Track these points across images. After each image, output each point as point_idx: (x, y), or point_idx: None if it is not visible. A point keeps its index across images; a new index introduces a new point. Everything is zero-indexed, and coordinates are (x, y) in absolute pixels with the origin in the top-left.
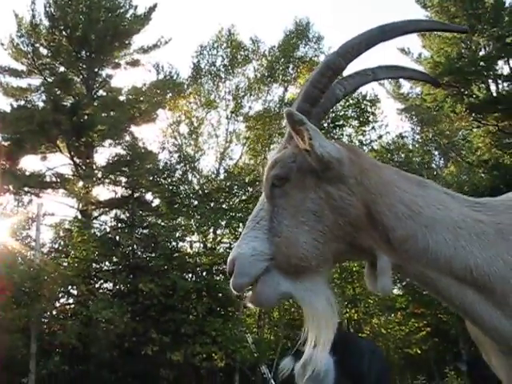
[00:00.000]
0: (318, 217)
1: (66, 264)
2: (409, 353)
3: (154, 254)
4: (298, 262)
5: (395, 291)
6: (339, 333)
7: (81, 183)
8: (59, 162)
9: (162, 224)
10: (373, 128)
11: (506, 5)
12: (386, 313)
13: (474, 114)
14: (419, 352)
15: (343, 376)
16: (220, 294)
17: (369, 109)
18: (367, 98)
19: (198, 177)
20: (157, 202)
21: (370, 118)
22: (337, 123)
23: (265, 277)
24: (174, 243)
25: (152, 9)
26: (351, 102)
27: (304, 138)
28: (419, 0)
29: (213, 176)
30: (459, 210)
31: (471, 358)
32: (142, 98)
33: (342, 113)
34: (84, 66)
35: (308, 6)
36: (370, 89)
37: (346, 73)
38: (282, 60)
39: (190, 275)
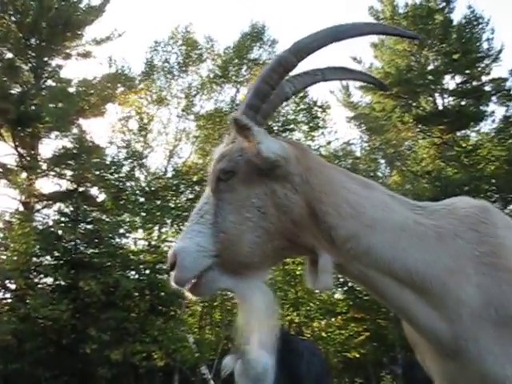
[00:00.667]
0: (263, 213)
1: (4, 257)
2: (347, 356)
3: (97, 250)
4: (243, 259)
5: (336, 296)
6: (280, 334)
7: (24, 174)
8: (3, 151)
9: (107, 220)
10: (322, 134)
11: (454, 23)
12: (326, 317)
13: (420, 126)
14: (357, 356)
15: (283, 376)
16: (162, 293)
17: (319, 115)
18: (318, 104)
19: (145, 174)
20: (102, 197)
21: (320, 124)
22: (287, 127)
23: (208, 273)
24: (117, 240)
25: (106, 0)
26: (302, 106)
27: (251, 142)
28: (372, 12)
29: (160, 174)
30: (402, 213)
31: (406, 362)
32: (91, 91)
33: (293, 117)
34: (33, 54)
35: (265, 10)
36: (321, 95)
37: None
38: (236, 61)
39: (133, 273)
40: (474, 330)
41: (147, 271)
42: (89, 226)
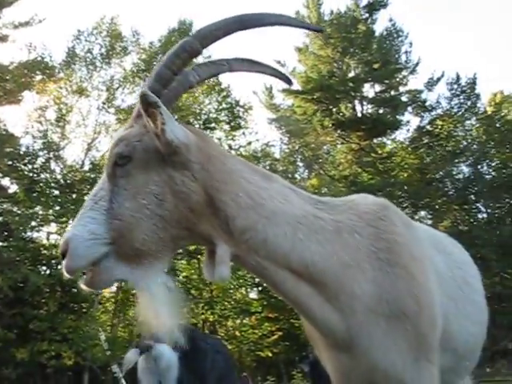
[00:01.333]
0: (160, 200)
1: None
2: (260, 355)
3: (5, 244)
4: (139, 247)
5: (251, 295)
6: (185, 331)
7: None
8: None
9: (18, 212)
10: (243, 134)
11: (376, 34)
12: (241, 316)
13: (339, 131)
14: (270, 355)
15: (187, 372)
16: (74, 290)
17: (241, 115)
18: (240, 104)
19: (61, 166)
20: (14, 188)
21: (242, 124)
22: (208, 125)
23: (102, 261)
24: (29, 233)
25: None
26: (224, 106)
27: (156, 122)
28: (299, 17)
29: (77, 166)
30: (301, 206)
31: (314, 359)
32: (8, 77)
33: (215, 116)
34: None
35: (195, 8)
36: (244, 96)
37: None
38: (161, 56)
39: (44, 268)
40: (367, 323)
41: (59, 266)
42: None
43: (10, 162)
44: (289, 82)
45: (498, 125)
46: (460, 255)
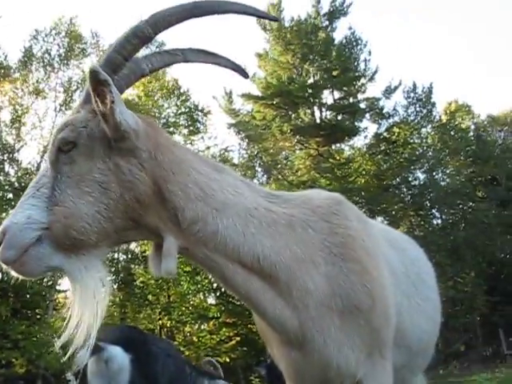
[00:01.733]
0: (104, 189)
1: None
2: (218, 361)
3: None
4: (77, 234)
5: (209, 301)
6: (138, 333)
7: None
8: None
9: None
10: (202, 138)
11: (336, 41)
12: (198, 321)
13: (298, 137)
14: (228, 360)
15: (139, 375)
16: (28, 295)
17: (200, 119)
18: (199, 108)
19: (16, 168)
20: None
21: (201, 129)
22: (167, 129)
23: (35, 247)
24: None
25: None
26: (184, 110)
27: (105, 101)
28: (260, 22)
29: (33, 169)
30: (253, 199)
31: (271, 362)
32: None
33: (174, 120)
34: None
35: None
36: (203, 100)
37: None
38: None
39: None
40: (320, 319)
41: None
42: None
43: None
44: (245, 74)
45: (452, 133)
46: (414, 252)
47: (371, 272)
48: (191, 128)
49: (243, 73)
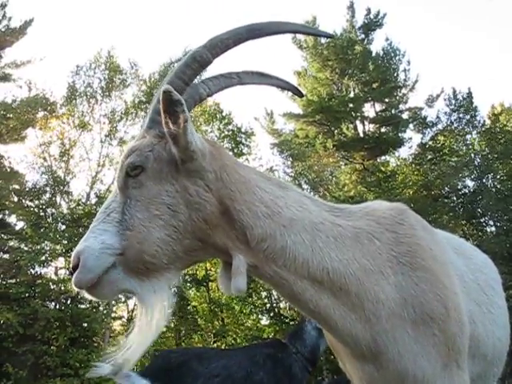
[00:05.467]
0: (173, 211)
1: None
2: None
3: (14, 281)
4: (150, 258)
5: (263, 322)
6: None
7: None
8: None
9: (26, 249)
10: (247, 160)
11: (373, 54)
12: (253, 342)
13: (342, 152)
14: None
15: None
16: (85, 324)
17: (244, 141)
18: (242, 130)
19: (67, 200)
20: (21, 224)
21: (245, 151)
22: None
23: (110, 272)
24: (37, 269)
25: (28, 23)
26: (227, 133)
27: (178, 121)
28: (296, 41)
29: (83, 200)
30: (318, 213)
31: (330, 382)
32: (10, 115)
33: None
34: None
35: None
36: (245, 122)
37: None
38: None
39: (53, 303)
40: (393, 329)
41: (68, 301)
42: (5, 256)
43: (16, 199)
44: (299, 93)
45: (499, 136)
46: (480, 258)
47: (442, 280)
48: (235, 150)
49: (298, 92)
